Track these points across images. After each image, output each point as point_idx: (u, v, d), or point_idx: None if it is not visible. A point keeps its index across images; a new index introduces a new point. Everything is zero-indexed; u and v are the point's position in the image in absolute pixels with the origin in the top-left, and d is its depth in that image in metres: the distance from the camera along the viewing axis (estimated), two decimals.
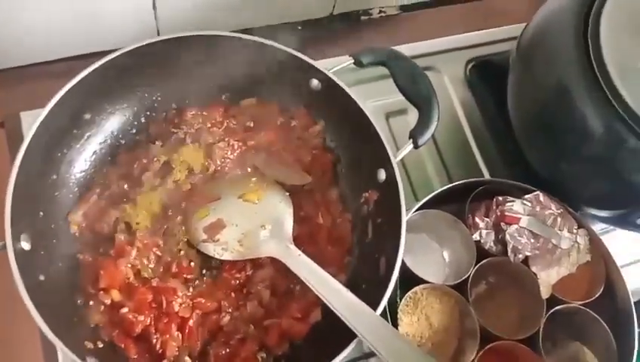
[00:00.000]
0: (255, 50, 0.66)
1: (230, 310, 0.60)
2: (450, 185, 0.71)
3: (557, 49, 0.67)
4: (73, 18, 0.75)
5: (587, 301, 0.67)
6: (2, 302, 0.62)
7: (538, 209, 0.70)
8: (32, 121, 0.58)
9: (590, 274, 0.70)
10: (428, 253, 0.72)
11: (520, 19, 0.92)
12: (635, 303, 0.68)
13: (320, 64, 0.66)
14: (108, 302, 0.58)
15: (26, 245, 0.53)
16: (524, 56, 0.73)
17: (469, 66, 0.89)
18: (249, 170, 0.67)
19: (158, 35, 0.83)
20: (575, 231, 0.69)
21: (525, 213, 0.69)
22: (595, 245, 0.70)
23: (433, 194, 0.70)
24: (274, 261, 0.61)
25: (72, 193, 0.62)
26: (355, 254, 0.66)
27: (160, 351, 0.57)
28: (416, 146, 0.63)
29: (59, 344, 0.49)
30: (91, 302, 0.58)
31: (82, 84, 0.59)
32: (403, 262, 0.64)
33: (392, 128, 0.82)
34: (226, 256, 0.60)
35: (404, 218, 0.59)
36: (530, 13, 0.81)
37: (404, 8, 1.00)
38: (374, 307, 0.55)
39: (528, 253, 0.67)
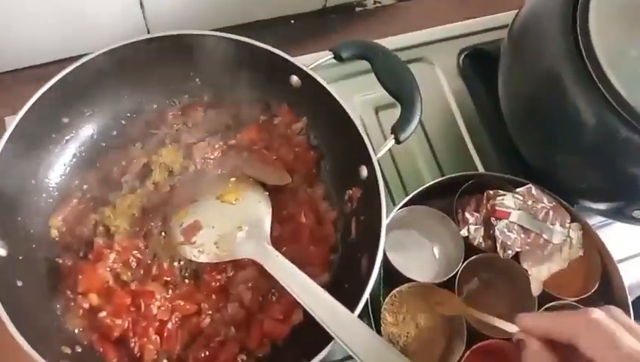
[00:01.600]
0: (236, 48, 0.65)
1: (210, 312, 0.60)
2: (439, 179, 0.70)
3: (546, 37, 0.65)
4: (60, 20, 0.74)
5: (581, 297, 0.65)
6: None
7: (530, 203, 0.67)
8: None
9: (585, 270, 0.67)
10: (418, 250, 0.71)
11: (516, 7, 0.90)
12: (632, 301, 0.65)
13: (300, 60, 0.65)
14: (86, 306, 0.58)
15: (1, 251, 0.53)
16: (515, 45, 0.71)
17: (462, 56, 0.86)
18: (228, 170, 0.66)
19: (148, 34, 0.82)
20: (568, 225, 0.67)
21: (516, 208, 0.67)
22: (591, 239, 0.68)
23: (421, 188, 0.68)
24: (256, 262, 0.61)
25: (52, 197, 0.62)
26: (339, 253, 0.65)
27: (138, 355, 0.57)
28: (397, 142, 0.62)
29: (33, 353, 0.49)
30: (70, 307, 0.58)
31: (58, 88, 0.59)
32: (389, 260, 0.64)
33: (381, 122, 0.80)
34: (203, 259, 0.59)
35: (385, 216, 0.58)
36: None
37: None
38: (355, 306, 0.54)
39: (518, 249, 0.65)
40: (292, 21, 0.92)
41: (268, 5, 0.88)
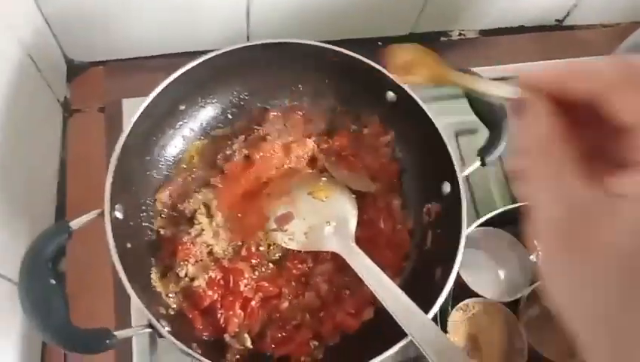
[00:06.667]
0: (338, 60, 0.70)
1: (290, 297, 0.64)
2: (513, 205, 0.73)
3: None
4: (174, 20, 0.82)
5: None
6: (88, 262, 0.69)
7: None
8: (132, 108, 0.65)
9: None
10: (483, 269, 0.74)
11: (600, 52, 0.93)
12: None
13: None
14: (182, 275, 0.63)
15: (119, 215, 0.59)
16: None
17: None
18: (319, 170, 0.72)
19: (248, 40, 0.89)
20: None
21: None
22: None
23: (495, 212, 0.71)
24: (334, 258, 0.65)
25: (161, 174, 0.69)
26: (412, 261, 0.69)
27: (223, 326, 0.62)
28: (483, 164, 0.65)
29: (138, 303, 0.54)
30: (167, 274, 0.64)
31: (182, 78, 0.65)
32: (458, 274, 0.67)
33: (460, 146, 0.84)
34: (292, 246, 0.64)
35: (464, 232, 0.61)
36: (611, 46, 0.81)
37: (484, 33, 1.02)
38: (426, 312, 0.57)
39: None
40: (379, 43, 0.97)
41: (360, 25, 0.93)
